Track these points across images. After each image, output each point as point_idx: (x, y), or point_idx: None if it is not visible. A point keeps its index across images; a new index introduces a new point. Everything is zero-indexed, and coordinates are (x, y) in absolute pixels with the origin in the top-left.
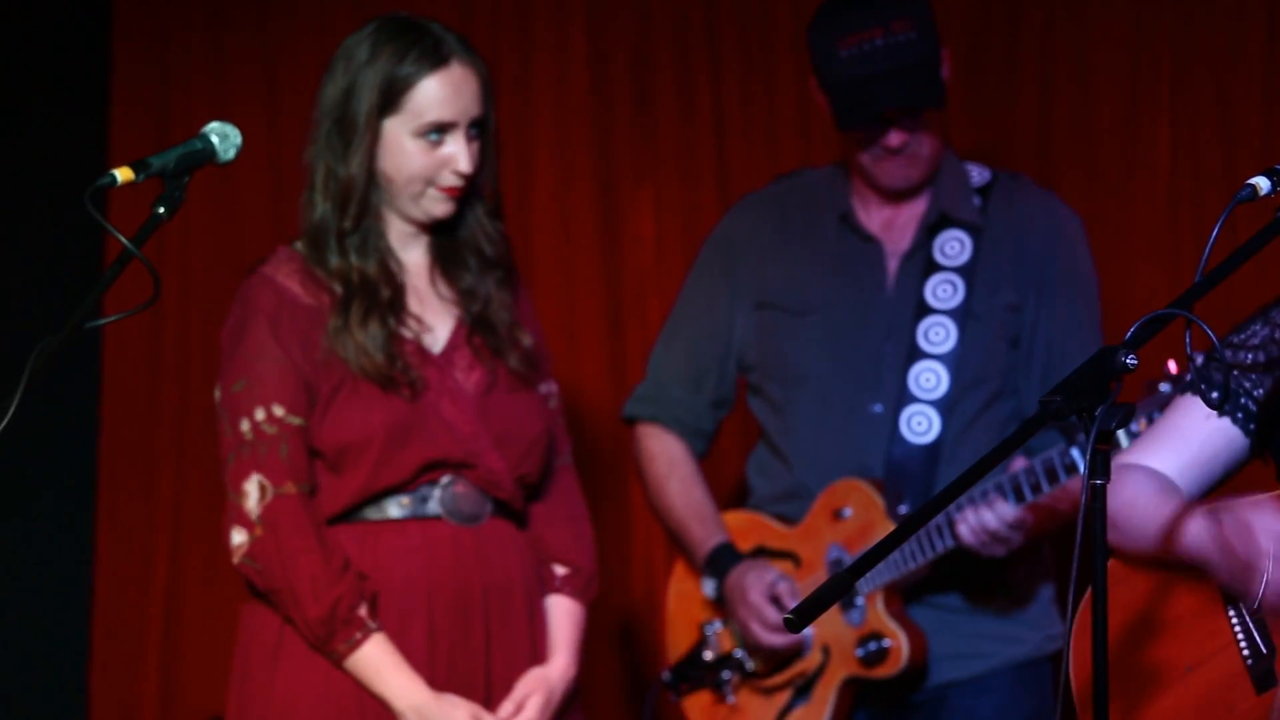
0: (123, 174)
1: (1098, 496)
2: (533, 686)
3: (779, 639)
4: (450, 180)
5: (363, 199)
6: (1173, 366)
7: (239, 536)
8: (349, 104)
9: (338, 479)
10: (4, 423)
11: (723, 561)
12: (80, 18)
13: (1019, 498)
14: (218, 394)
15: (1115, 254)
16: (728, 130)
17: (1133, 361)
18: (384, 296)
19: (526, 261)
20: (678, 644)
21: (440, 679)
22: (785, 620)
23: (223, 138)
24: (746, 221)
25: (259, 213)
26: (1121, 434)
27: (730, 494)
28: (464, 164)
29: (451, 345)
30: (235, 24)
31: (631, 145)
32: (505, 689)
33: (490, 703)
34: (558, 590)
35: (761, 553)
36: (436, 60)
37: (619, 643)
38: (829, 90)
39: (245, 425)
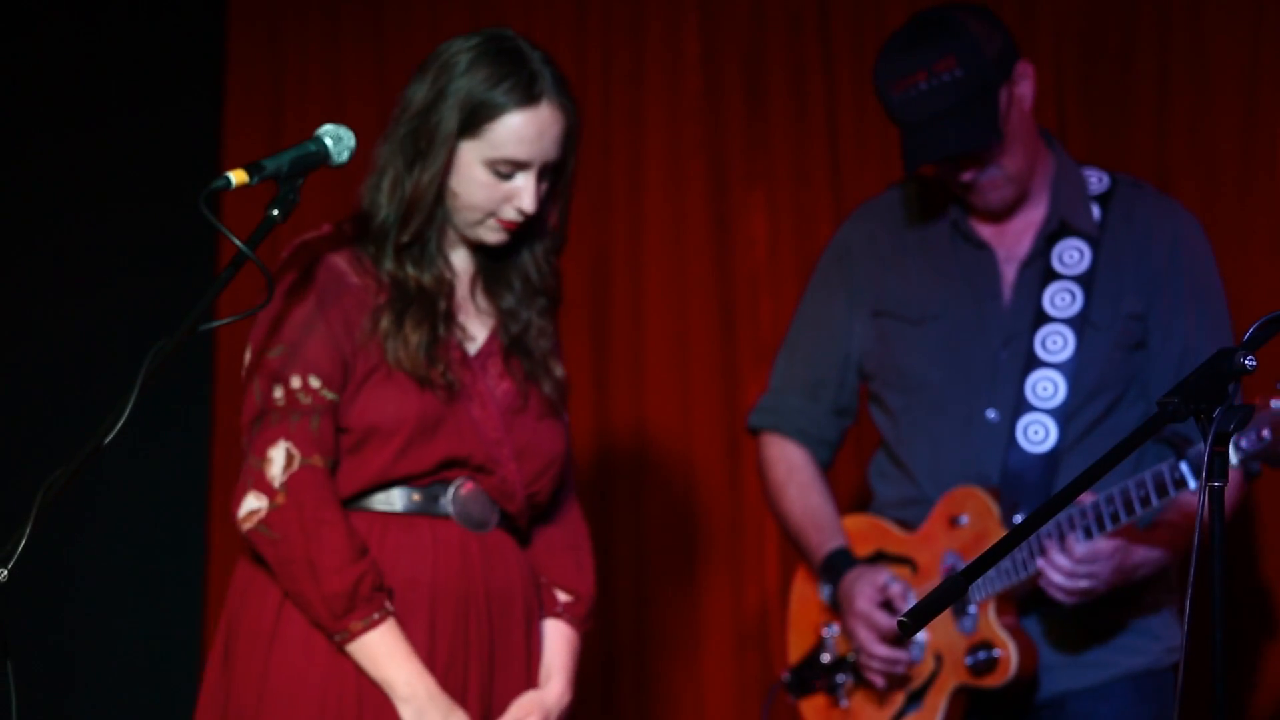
0: (237, 176)
1: (1215, 499)
2: (528, 710)
3: (883, 650)
4: (510, 215)
5: (428, 214)
6: None
7: (256, 502)
8: (432, 114)
9: (356, 460)
10: (119, 426)
11: (837, 567)
12: (195, 17)
13: (1129, 511)
14: (248, 356)
15: (1234, 254)
16: (840, 131)
17: (1251, 363)
18: (440, 308)
19: (637, 264)
20: (798, 646)
21: (438, 680)
22: (899, 623)
23: (336, 140)
24: (863, 229)
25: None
26: (1232, 452)
27: (850, 500)
28: (527, 203)
29: (485, 352)
30: (349, 23)
31: (743, 147)
32: (502, 702)
33: (488, 714)
34: (558, 615)
35: (880, 557)
36: (527, 97)
37: (734, 644)
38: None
39: (279, 391)
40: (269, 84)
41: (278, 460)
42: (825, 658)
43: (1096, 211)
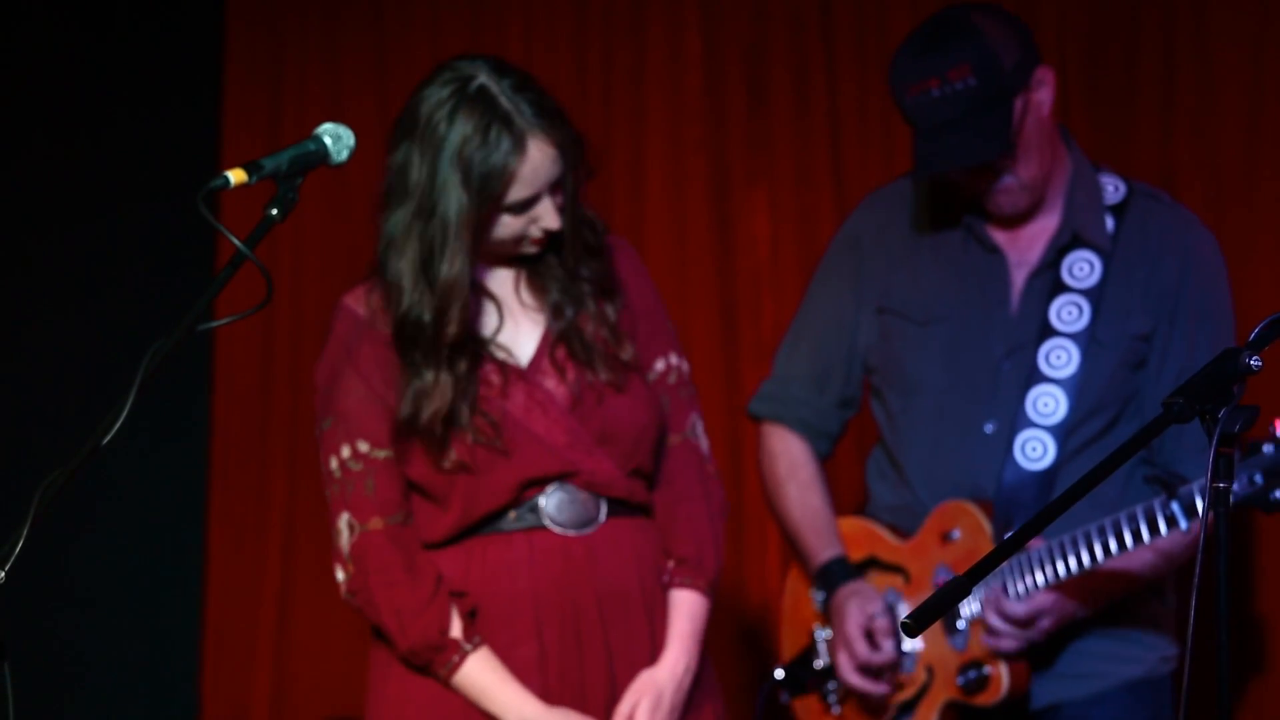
0: (235, 176)
1: (1220, 501)
2: (640, 692)
3: (858, 680)
4: (538, 234)
5: (465, 298)
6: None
7: (340, 574)
8: (438, 200)
9: (437, 509)
10: (117, 426)
11: (833, 577)
12: (194, 15)
13: (1120, 543)
14: (317, 433)
15: (1239, 256)
16: (843, 130)
17: (1256, 363)
18: (456, 347)
19: None
20: (790, 643)
21: (553, 692)
22: (902, 625)
23: (336, 139)
24: (874, 220)
25: (373, 214)
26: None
27: (845, 494)
28: (551, 223)
29: (539, 355)
30: (348, 21)
31: (745, 146)
32: None
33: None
34: (670, 584)
35: (873, 564)
36: (516, 147)
37: (736, 639)
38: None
39: (334, 464)
40: (268, 82)
41: (344, 532)
42: (818, 663)
43: (1110, 223)
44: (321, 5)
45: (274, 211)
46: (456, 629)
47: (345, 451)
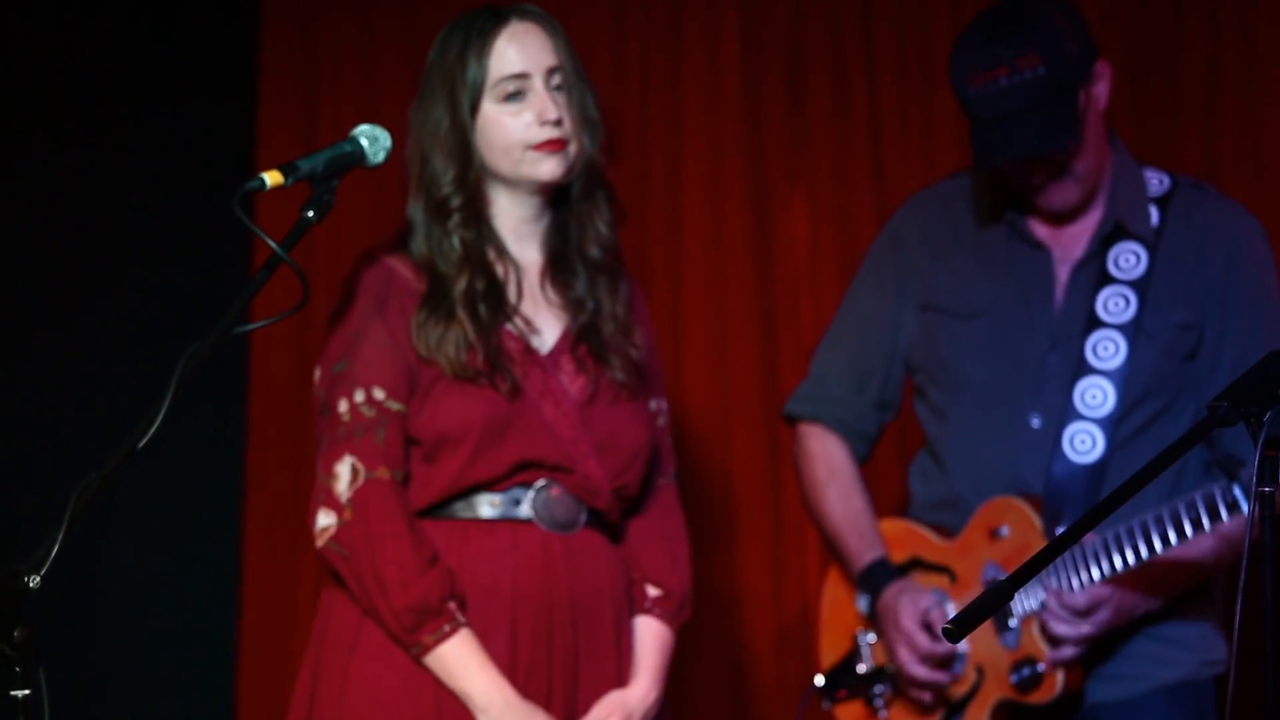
0: (271, 178)
1: (1266, 504)
2: (610, 710)
3: (925, 671)
4: (540, 134)
5: (466, 188)
6: None
7: (326, 519)
8: (447, 108)
9: (431, 469)
10: (153, 428)
11: (877, 579)
12: (228, 16)
13: (1179, 532)
14: (318, 374)
15: None
16: (883, 130)
17: None
18: (477, 287)
19: (677, 263)
20: (831, 650)
21: (519, 688)
22: (944, 630)
23: (372, 140)
24: (917, 219)
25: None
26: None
27: (884, 498)
28: (548, 110)
29: (559, 349)
30: (383, 22)
31: (784, 146)
32: (589, 705)
33: (573, 718)
34: (648, 611)
35: (917, 564)
36: (495, 21)
37: (774, 644)
38: (969, 123)
39: (344, 406)
40: (303, 84)
41: (344, 476)
42: (862, 667)
43: (1155, 215)
44: (357, 5)
45: (310, 214)
46: (452, 602)
47: (359, 396)
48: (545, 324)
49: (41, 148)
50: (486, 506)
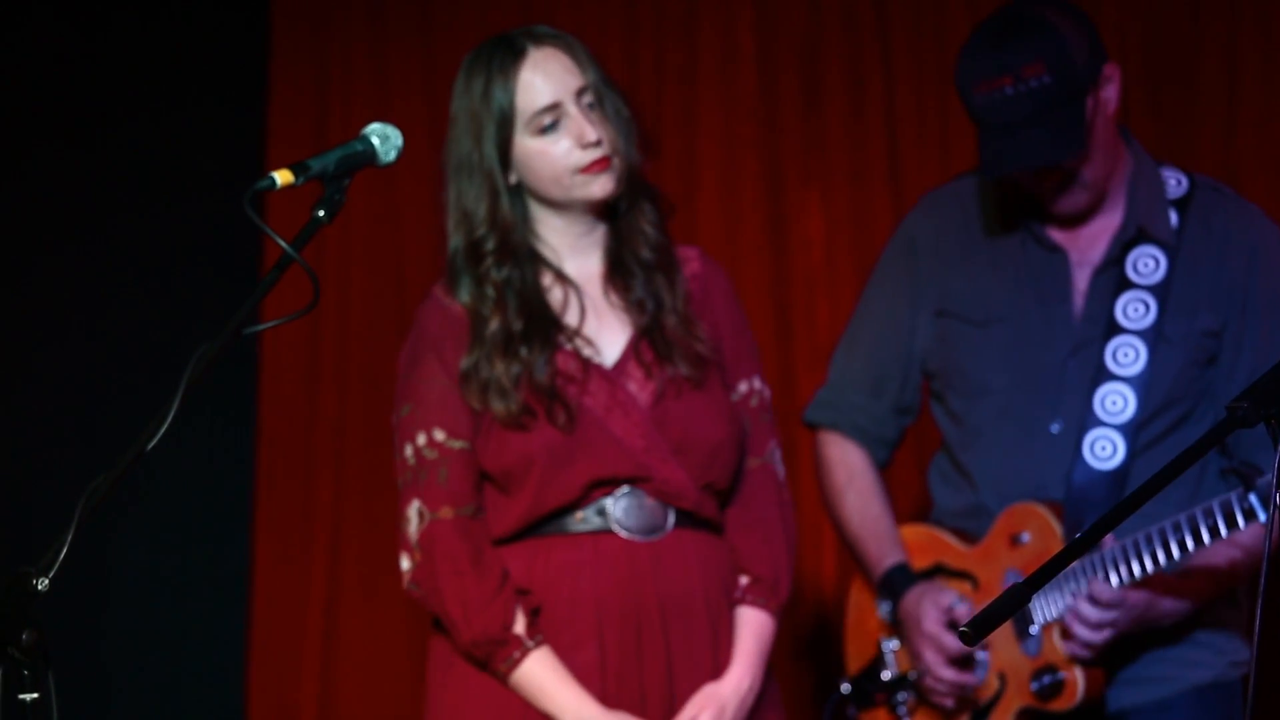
0: (282, 177)
1: None
2: (702, 704)
3: (951, 673)
4: (585, 157)
5: (499, 227)
6: None
7: (404, 563)
8: (475, 148)
9: (507, 499)
10: (162, 430)
11: (897, 584)
12: (239, 14)
13: (1197, 539)
14: (393, 419)
15: None
16: (899, 130)
17: None
18: (514, 329)
19: None
20: (856, 656)
21: (611, 697)
22: (960, 633)
23: (383, 139)
24: (930, 222)
25: (420, 216)
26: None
27: (904, 502)
28: (588, 133)
29: (625, 357)
30: (395, 20)
31: (800, 145)
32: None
33: None
34: (741, 601)
35: (940, 571)
36: (513, 58)
37: (791, 649)
38: (976, 131)
39: (409, 450)
40: (314, 82)
41: (413, 519)
42: (886, 674)
43: (1174, 218)
44: (368, 4)
45: (321, 213)
46: (520, 625)
47: (421, 439)
48: (610, 335)
49: (52, 147)
50: (572, 523)
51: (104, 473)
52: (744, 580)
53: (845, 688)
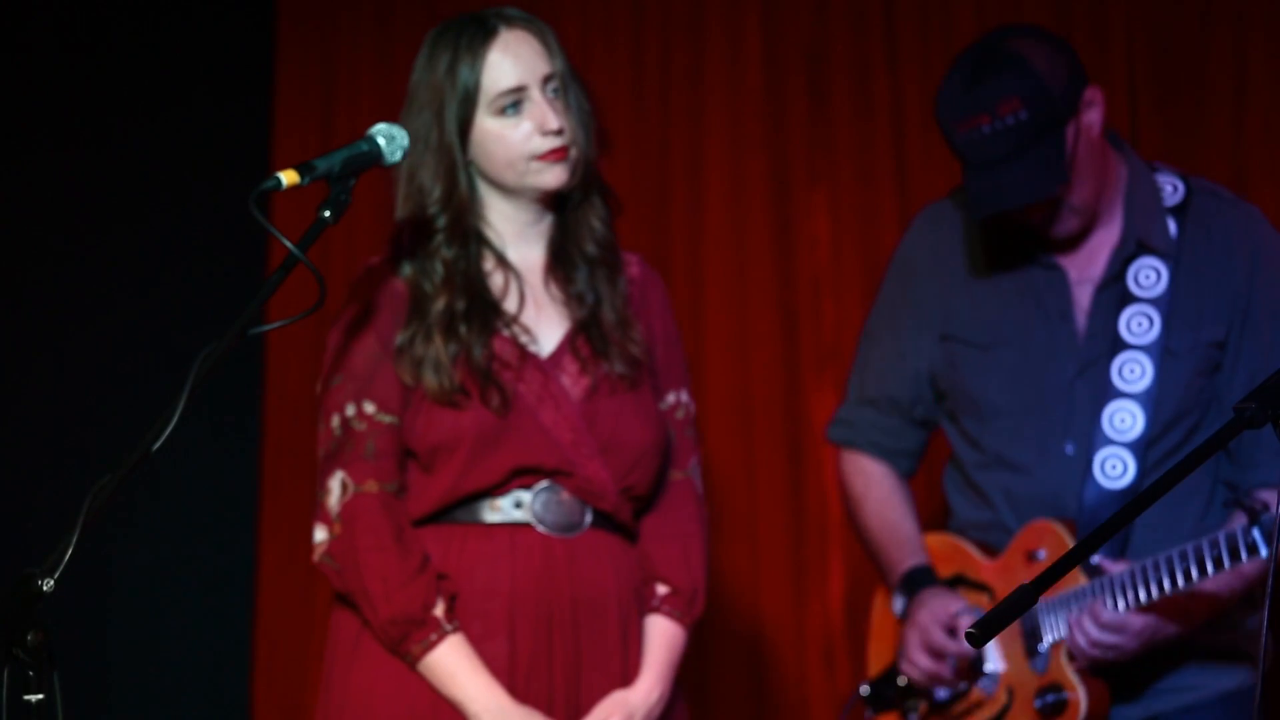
0: (288, 177)
1: None
2: (611, 710)
3: (925, 660)
4: (544, 145)
5: (453, 206)
6: None
7: (320, 534)
8: (436, 122)
9: (428, 479)
10: (168, 431)
11: (916, 583)
12: (245, 14)
13: (1201, 570)
14: (318, 388)
15: None
16: (905, 129)
17: None
18: (457, 308)
19: (698, 263)
20: (878, 660)
21: (519, 690)
22: (967, 635)
23: (389, 139)
24: (928, 242)
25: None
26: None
27: (925, 510)
28: (550, 121)
29: (561, 349)
30: (401, 21)
31: (806, 145)
32: (591, 707)
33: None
34: (656, 610)
35: (960, 581)
36: (483, 37)
37: (800, 659)
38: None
39: (335, 420)
40: (320, 82)
41: (335, 490)
42: (901, 680)
43: (1173, 226)
44: (374, 4)
45: (327, 213)
46: (440, 608)
47: (350, 410)
48: (548, 326)
49: (57, 147)
50: (488, 511)
51: (109, 473)
52: (662, 590)
53: (864, 689)
